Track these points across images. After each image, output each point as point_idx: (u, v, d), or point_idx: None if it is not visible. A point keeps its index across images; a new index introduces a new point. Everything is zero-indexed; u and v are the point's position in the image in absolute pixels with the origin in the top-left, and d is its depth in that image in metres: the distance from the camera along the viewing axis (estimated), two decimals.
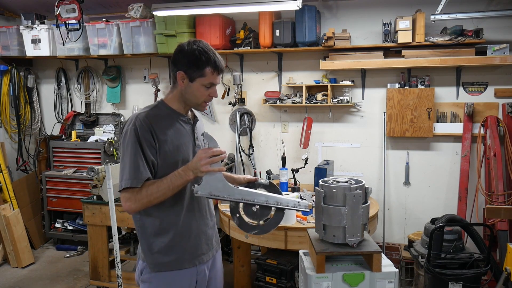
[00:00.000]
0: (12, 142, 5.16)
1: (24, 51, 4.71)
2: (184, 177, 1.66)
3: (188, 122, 1.84)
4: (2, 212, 4.35)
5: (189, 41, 1.75)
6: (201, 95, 1.76)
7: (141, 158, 1.66)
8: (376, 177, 4.18)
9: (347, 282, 1.97)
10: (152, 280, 1.80)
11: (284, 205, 1.78)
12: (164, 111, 1.78)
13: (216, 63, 1.72)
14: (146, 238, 1.79)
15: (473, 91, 3.90)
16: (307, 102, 4.07)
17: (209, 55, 1.71)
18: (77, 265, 4.42)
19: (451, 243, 2.90)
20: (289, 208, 1.79)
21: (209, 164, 1.63)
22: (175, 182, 1.66)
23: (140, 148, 1.66)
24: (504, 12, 3.49)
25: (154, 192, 1.65)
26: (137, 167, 1.65)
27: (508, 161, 3.61)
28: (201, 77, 1.72)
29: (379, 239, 4.09)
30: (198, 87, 1.73)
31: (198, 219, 1.85)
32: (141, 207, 1.68)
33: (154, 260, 1.78)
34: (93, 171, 3.41)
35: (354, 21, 4.09)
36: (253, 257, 3.77)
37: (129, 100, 4.96)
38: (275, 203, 1.77)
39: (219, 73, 1.75)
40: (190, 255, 1.82)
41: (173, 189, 1.67)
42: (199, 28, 4.16)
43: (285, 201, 1.79)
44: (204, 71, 1.71)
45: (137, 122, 1.68)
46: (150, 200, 1.67)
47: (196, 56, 1.70)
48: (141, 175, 1.65)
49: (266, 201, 1.76)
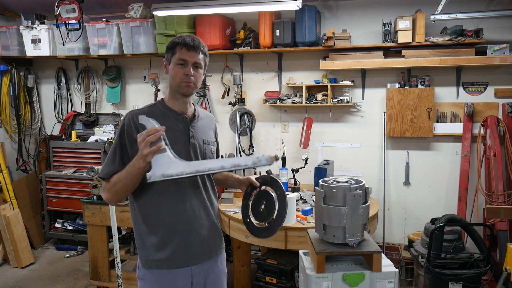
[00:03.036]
0: (12, 142, 5.16)
1: (24, 51, 4.71)
2: (136, 165, 1.65)
3: (183, 120, 1.84)
4: (2, 212, 4.35)
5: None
6: (177, 73, 1.79)
7: (119, 152, 1.76)
8: (376, 177, 4.18)
9: (347, 282, 1.97)
10: (145, 277, 1.83)
11: (243, 165, 1.70)
12: (159, 109, 1.84)
13: (186, 41, 1.78)
14: (139, 234, 1.83)
15: (473, 91, 3.90)
16: (307, 102, 4.07)
17: (181, 37, 1.80)
18: (77, 265, 4.42)
19: (451, 243, 2.90)
20: (249, 167, 1.70)
21: (148, 146, 1.59)
22: (131, 172, 1.68)
23: (121, 143, 1.77)
24: (504, 12, 3.49)
25: (116, 181, 1.73)
26: (111, 160, 1.77)
27: (508, 161, 3.61)
28: (174, 56, 1.79)
29: (379, 239, 4.09)
30: (173, 67, 1.80)
31: (190, 218, 1.82)
32: (111, 196, 1.78)
33: (146, 256, 1.81)
34: (93, 171, 3.41)
35: (354, 21, 4.09)
36: (253, 257, 3.77)
37: (129, 100, 4.96)
38: (232, 166, 1.68)
39: (188, 49, 1.78)
40: (183, 255, 1.81)
41: (132, 179, 1.69)
42: (199, 28, 4.16)
43: (243, 160, 1.71)
44: (175, 50, 1.79)
45: (126, 119, 1.78)
46: (116, 190, 1.74)
47: (172, 41, 1.81)
48: (110, 168, 1.76)
49: (222, 167, 1.68)
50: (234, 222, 3.33)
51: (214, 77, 4.52)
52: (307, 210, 3.31)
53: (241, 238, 3.30)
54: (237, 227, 3.31)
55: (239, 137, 4.46)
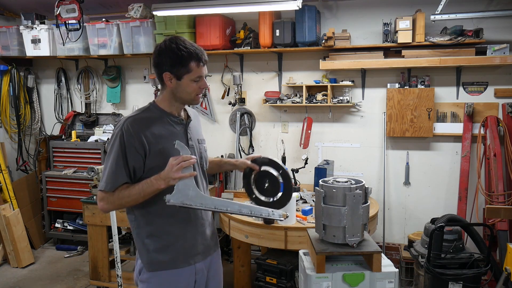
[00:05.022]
0: (12, 142, 5.16)
1: (24, 51, 4.71)
2: (155, 185, 1.65)
3: (180, 122, 1.84)
4: (2, 212, 4.35)
5: (164, 40, 1.75)
6: (192, 90, 1.77)
7: (121, 163, 1.69)
8: (376, 177, 4.18)
9: (347, 282, 1.97)
10: (150, 280, 1.81)
11: (258, 214, 1.76)
12: (154, 113, 1.80)
13: (199, 56, 1.73)
14: (141, 238, 1.81)
15: (473, 91, 3.90)
16: (307, 102, 4.07)
17: (189, 50, 1.71)
18: (77, 265, 4.42)
19: (451, 243, 2.90)
20: (262, 217, 1.79)
21: (180, 170, 1.61)
22: (146, 190, 1.67)
23: (122, 154, 1.69)
24: (504, 12, 3.49)
25: (126, 196, 1.69)
26: (114, 172, 1.69)
27: (508, 161, 3.61)
28: (188, 73, 1.73)
29: (379, 239, 4.09)
30: (187, 83, 1.75)
31: (193, 220, 1.84)
32: (113, 208, 1.76)
33: (150, 260, 1.80)
34: (93, 171, 3.41)
35: (354, 21, 4.09)
36: (253, 257, 3.77)
37: (129, 100, 4.96)
38: (248, 212, 1.74)
39: (204, 64, 1.76)
40: (186, 255, 1.83)
41: (144, 196, 1.69)
42: (199, 28, 4.16)
43: (258, 210, 1.76)
44: (189, 67, 1.72)
45: (124, 126, 1.70)
46: (122, 203, 1.72)
47: (177, 54, 1.70)
48: (117, 180, 1.69)
49: (239, 210, 1.73)
50: (234, 222, 3.33)
51: (214, 77, 4.52)
52: (307, 210, 3.31)
53: (241, 238, 3.30)
54: (237, 227, 3.31)
55: (239, 137, 4.47)
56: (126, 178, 1.70)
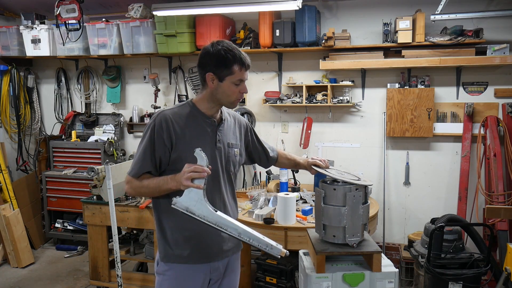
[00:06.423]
0: (12, 142, 5.16)
1: (24, 51, 4.71)
2: (169, 184, 1.70)
3: (212, 123, 1.87)
4: (2, 212, 4.35)
5: (212, 42, 1.81)
6: (232, 92, 1.81)
7: (148, 152, 1.77)
8: (376, 177, 4.18)
9: (347, 282, 1.97)
10: (166, 272, 1.85)
11: (255, 244, 1.70)
12: (189, 110, 1.85)
13: (243, 60, 1.78)
14: (162, 229, 1.86)
15: (473, 91, 3.90)
16: (307, 102, 4.07)
17: (235, 53, 1.77)
18: (77, 265, 4.42)
19: (451, 243, 2.90)
20: (259, 248, 1.71)
21: (190, 179, 1.62)
22: (162, 186, 1.73)
23: (151, 144, 1.77)
24: (504, 12, 3.49)
25: (145, 186, 1.77)
26: (141, 159, 1.78)
27: (508, 161, 3.61)
28: (230, 75, 1.78)
29: (379, 239, 4.09)
30: (228, 85, 1.79)
31: None
32: (135, 194, 1.87)
33: (167, 251, 1.84)
34: (93, 171, 3.41)
35: (354, 21, 4.09)
36: (253, 257, 3.77)
37: (129, 100, 4.96)
38: (247, 239, 1.69)
39: (246, 69, 1.81)
40: (203, 253, 1.86)
41: (160, 192, 1.76)
42: (199, 28, 4.16)
43: (256, 240, 1.70)
44: (232, 69, 1.77)
45: (157, 119, 1.78)
46: (141, 192, 1.83)
47: (222, 56, 1.76)
48: (142, 168, 1.78)
49: (239, 234, 1.68)
50: None
51: None
52: (307, 210, 3.31)
53: None
54: None
55: None
56: (151, 167, 1.77)
